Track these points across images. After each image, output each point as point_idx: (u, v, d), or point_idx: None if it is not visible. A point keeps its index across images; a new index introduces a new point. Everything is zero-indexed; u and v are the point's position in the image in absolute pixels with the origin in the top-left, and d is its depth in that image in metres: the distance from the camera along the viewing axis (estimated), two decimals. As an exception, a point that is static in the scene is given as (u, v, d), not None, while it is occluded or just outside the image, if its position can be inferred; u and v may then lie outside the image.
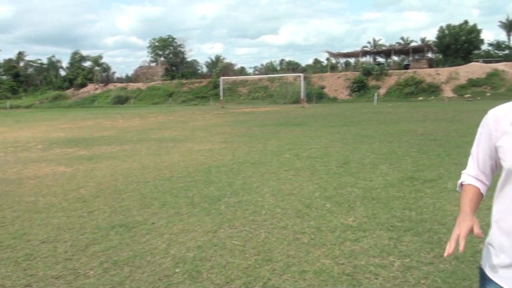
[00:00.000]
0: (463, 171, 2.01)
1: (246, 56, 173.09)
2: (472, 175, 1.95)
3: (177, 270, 4.27)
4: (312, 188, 7.49)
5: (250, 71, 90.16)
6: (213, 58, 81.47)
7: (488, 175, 1.95)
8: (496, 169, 1.93)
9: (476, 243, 4.72)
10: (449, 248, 1.69)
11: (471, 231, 1.71)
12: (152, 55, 77.78)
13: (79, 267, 4.41)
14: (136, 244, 5.04)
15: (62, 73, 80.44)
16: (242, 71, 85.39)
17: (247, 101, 54.21)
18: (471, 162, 1.97)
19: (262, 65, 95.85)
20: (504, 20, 73.34)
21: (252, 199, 6.84)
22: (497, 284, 1.85)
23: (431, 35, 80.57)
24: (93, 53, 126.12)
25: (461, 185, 1.99)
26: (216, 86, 56.76)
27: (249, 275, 4.11)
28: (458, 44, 60.52)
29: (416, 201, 6.47)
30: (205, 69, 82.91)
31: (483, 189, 1.97)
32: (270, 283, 3.96)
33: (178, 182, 8.31)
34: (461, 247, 1.68)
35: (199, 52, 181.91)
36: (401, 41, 79.64)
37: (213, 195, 7.16)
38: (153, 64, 78.12)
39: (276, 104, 48.87)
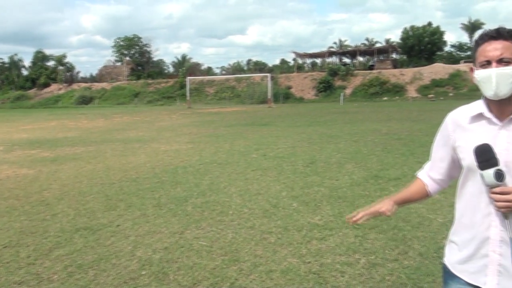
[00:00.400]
0: (422, 168, 2.15)
1: (213, 56, 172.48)
2: (425, 171, 2.11)
3: (143, 273, 4.21)
4: (279, 187, 7.52)
5: (217, 71, 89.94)
6: (180, 58, 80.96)
7: (442, 175, 2.04)
8: (456, 171, 2.00)
9: (439, 239, 4.85)
10: (354, 217, 1.94)
11: (381, 212, 2.07)
12: (117, 54, 76.57)
13: (42, 272, 4.30)
14: (101, 247, 4.95)
15: (25, 72, 78.28)
16: (209, 71, 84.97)
17: (214, 101, 53.99)
18: (429, 161, 2.10)
19: (229, 65, 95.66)
20: (466, 22, 75.49)
21: (219, 200, 6.82)
22: (460, 279, 1.90)
23: (396, 36, 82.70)
24: (56, 52, 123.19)
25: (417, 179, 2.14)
26: (182, 86, 56.28)
27: (216, 275, 4.10)
28: (421, 45, 61.92)
29: (381, 199, 6.56)
30: (171, 69, 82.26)
31: (431, 186, 2.09)
32: (237, 283, 3.95)
33: (144, 183, 8.21)
34: (355, 218, 2.10)
35: (166, 52, 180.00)
36: (366, 42, 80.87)
37: (179, 196, 7.11)
38: (118, 64, 76.89)
39: (243, 104, 48.86)
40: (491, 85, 1.74)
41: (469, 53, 70.29)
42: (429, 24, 63.98)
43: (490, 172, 1.68)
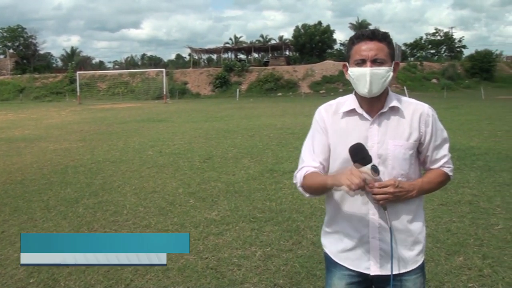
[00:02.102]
0: (300, 167, 2.04)
1: (105, 50, 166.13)
2: (314, 165, 2.01)
3: (31, 281, 3.94)
4: (176, 184, 7.43)
5: (110, 65, 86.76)
6: (69, 51, 76.85)
7: (326, 161, 2.03)
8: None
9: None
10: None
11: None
12: (0, 46, 70.74)
13: None
14: (-20, 256, 4.55)
15: None
16: (101, 65, 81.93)
17: (107, 97, 51.86)
18: (308, 156, 2.04)
19: (123, 59, 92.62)
20: (354, 22, 80.00)
21: (113, 199, 6.58)
22: (343, 266, 2.01)
23: (289, 34, 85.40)
24: None
25: (304, 177, 2.00)
26: (72, 81, 53.32)
27: (110, 278, 3.95)
28: (313, 43, 64.52)
29: (276, 192, 6.76)
30: (60, 63, 77.83)
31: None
32: (133, 284, 3.85)
33: (31, 185, 7.68)
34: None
35: (54, 45, 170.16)
36: (261, 39, 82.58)
37: (70, 197, 6.74)
38: (0, 57, 71.03)
39: (138, 100, 47.59)
40: (365, 83, 1.84)
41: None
42: (319, 23, 66.90)
43: (366, 169, 1.76)
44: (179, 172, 8.40)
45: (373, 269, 1.94)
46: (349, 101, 2.00)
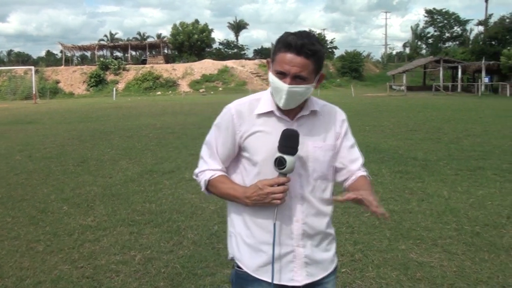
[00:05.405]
0: (203, 169, 1.94)
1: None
2: (218, 168, 1.91)
3: None
4: (47, 191, 6.98)
5: (-31, 62, 78.74)
6: None
7: (225, 163, 1.93)
8: (228, 162, 1.94)
9: (211, 226, 5.15)
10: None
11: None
12: None
13: None
14: None
15: None
16: (-43, 62, 73.83)
17: (-34, 98, 47.18)
18: (211, 158, 1.92)
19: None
20: (232, 22, 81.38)
21: (-26, 211, 6.01)
22: (263, 281, 1.86)
23: (168, 32, 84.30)
24: None
25: (209, 181, 1.90)
26: None
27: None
28: (191, 41, 64.32)
29: (155, 193, 6.66)
30: None
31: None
32: (-2, 302, 3.56)
33: None
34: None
35: None
36: (138, 36, 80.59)
37: None
38: None
39: (4, 101, 43.92)
40: (281, 98, 1.73)
41: (235, 50, 75.89)
42: (197, 21, 66.95)
43: (291, 158, 1.68)
44: (51, 178, 7.90)
45: (299, 279, 1.84)
46: (264, 101, 1.86)
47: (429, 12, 77.68)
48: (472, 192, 6.43)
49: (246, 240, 1.88)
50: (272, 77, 1.76)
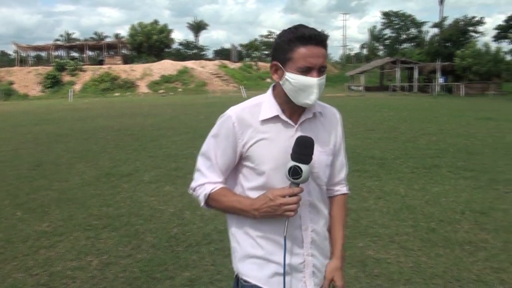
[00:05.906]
0: (201, 182, 1.80)
1: None
2: (219, 181, 1.78)
3: None
4: (1, 196, 6.74)
5: None
6: None
7: (225, 174, 1.81)
8: (227, 172, 1.82)
9: (170, 228, 5.10)
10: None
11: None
12: None
13: None
14: None
15: None
16: None
17: None
18: (209, 170, 1.79)
19: None
20: (192, 22, 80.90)
21: None
22: None
23: (126, 32, 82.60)
24: None
25: (209, 195, 1.76)
26: None
27: None
28: (150, 42, 63.50)
29: (113, 196, 6.54)
30: None
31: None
32: None
33: None
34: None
35: None
36: (95, 36, 78.97)
37: None
38: None
39: (-47, 103, 42.14)
40: (311, 94, 1.63)
41: (195, 51, 75.44)
42: (156, 21, 66.20)
43: (307, 167, 1.59)
44: (4, 183, 7.63)
45: None
46: (267, 105, 1.74)
47: (386, 14, 79.38)
48: (427, 189, 6.63)
49: (254, 252, 1.76)
50: (293, 76, 1.62)
